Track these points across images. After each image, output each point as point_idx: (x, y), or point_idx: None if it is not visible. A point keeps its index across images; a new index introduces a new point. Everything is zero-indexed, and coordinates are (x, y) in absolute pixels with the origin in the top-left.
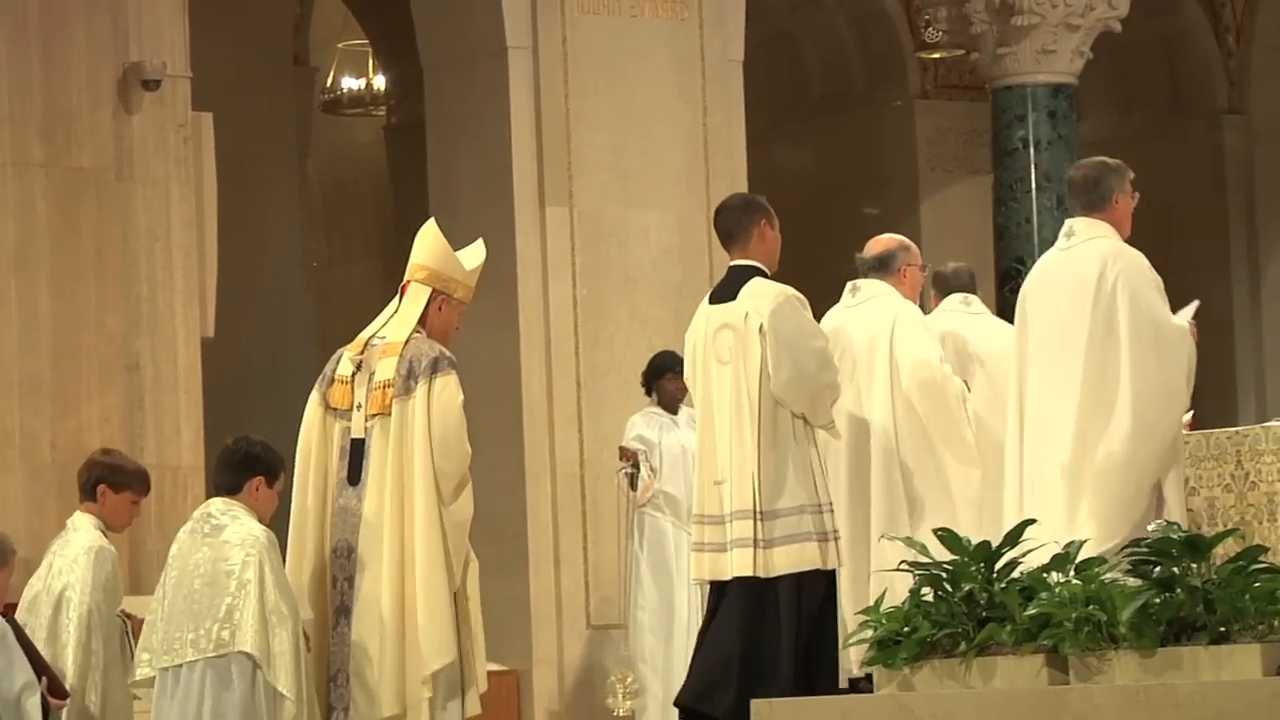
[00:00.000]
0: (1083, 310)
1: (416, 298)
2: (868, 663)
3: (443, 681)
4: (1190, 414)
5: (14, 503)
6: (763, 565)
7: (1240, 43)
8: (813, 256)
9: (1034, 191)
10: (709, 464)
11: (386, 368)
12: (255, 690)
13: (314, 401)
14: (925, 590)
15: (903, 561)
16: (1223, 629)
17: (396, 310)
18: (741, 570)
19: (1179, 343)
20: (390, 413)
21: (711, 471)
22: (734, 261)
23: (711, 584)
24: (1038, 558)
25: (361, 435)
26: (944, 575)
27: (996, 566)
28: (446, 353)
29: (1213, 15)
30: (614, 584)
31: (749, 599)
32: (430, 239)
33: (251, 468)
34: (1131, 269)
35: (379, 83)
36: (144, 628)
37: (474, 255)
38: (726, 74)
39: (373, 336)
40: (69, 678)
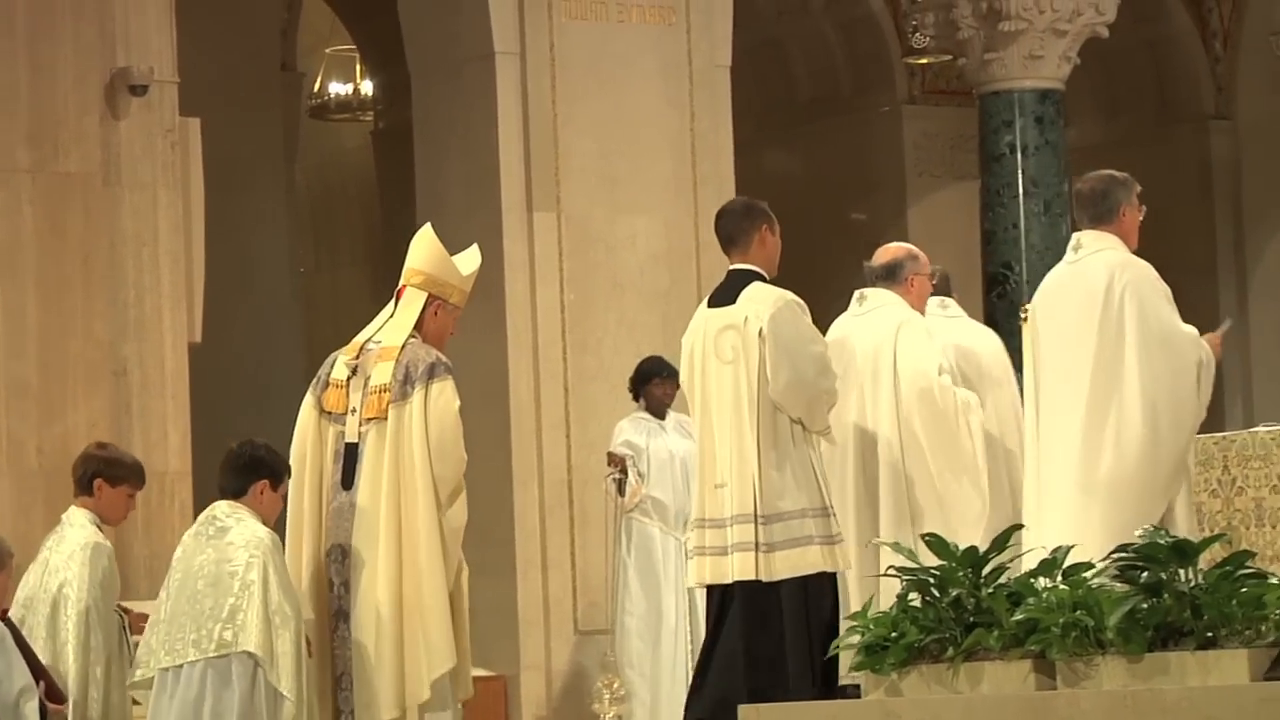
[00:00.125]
0: (1091, 321)
1: (412, 302)
2: (855, 668)
3: (438, 687)
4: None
5: (0, 508)
6: (764, 569)
7: (1227, 48)
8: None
9: (1021, 197)
10: (709, 467)
11: (383, 372)
12: (255, 690)
13: (308, 405)
14: (913, 595)
15: (890, 567)
16: (1210, 634)
17: (392, 315)
18: (743, 574)
19: (1189, 350)
20: (386, 417)
21: (711, 475)
22: (734, 266)
23: (710, 589)
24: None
25: (355, 439)
26: (931, 580)
27: (984, 572)
28: (443, 358)
29: (1200, 21)
30: (601, 589)
31: (752, 604)
32: (426, 244)
33: (256, 471)
34: (1139, 279)
35: (366, 88)
36: (146, 629)
37: (470, 260)
38: (714, 79)
39: (368, 341)
40: (70, 676)
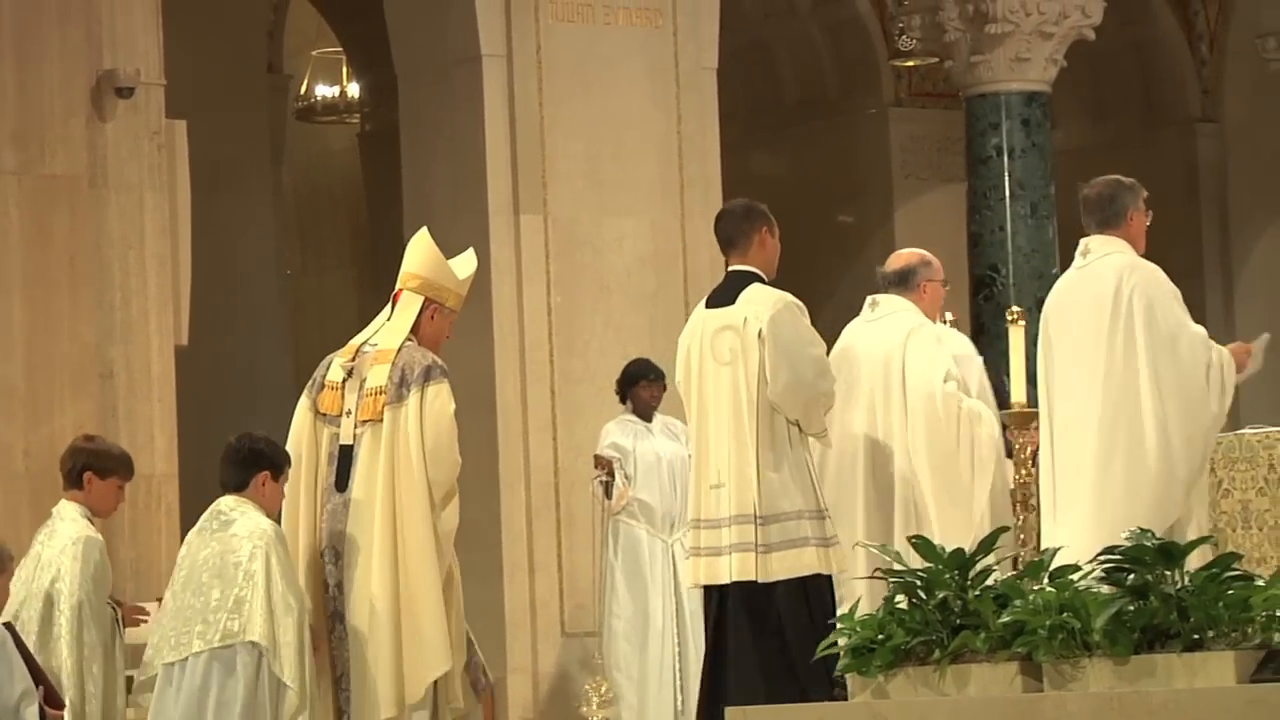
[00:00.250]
0: (1101, 324)
1: (409, 306)
2: (842, 670)
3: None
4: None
5: None
6: (761, 570)
7: (1213, 51)
8: (787, 263)
9: (1008, 199)
10: (705, 467)
11: (379, 374)
12: (260, 680)
13: (303, 407)
14: (899, 597)
15: (877, 569)
16: (1196, 636)
17: (389, 318)
18: (741, 575)
19: (1200, 350)
20: (382, 419)
21: (708, 475)
22: (732, 267)
23: (708, 590)
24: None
25: (350, 441)
26: (918, 582)
27: (971, 574)
28: (439, 362)
29: (1186, 23)
30: (588, 592)
31: (751, 605)
32: (423, 248)
33: (256, 463)
34: (1147, 280)
35: (353, 90)
36: (151, 627)
37: (466, 264)
38: (700, 82)
39: (364, 343)
40: (64, 671)
